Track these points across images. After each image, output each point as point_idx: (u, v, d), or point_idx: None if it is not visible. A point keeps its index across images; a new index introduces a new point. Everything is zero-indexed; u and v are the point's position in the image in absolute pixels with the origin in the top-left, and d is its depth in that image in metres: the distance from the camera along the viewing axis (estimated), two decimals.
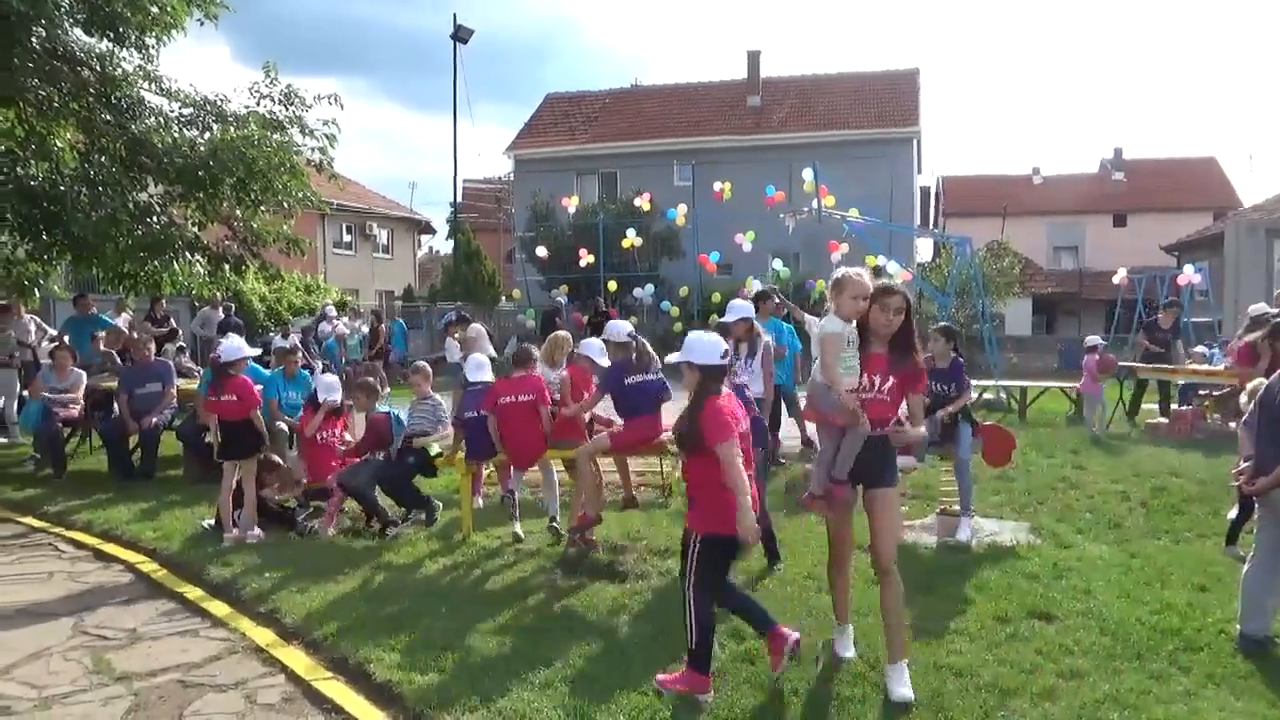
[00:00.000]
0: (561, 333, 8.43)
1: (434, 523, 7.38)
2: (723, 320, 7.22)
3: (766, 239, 20.57)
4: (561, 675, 4.37)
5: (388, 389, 11.23)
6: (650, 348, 6.61)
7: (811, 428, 10.15)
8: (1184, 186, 40.24)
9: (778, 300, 10.08)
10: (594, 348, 6.90)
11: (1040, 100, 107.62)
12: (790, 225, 16.11)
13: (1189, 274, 18.61)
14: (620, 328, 6.68)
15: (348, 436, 7.99)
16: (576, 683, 4.29)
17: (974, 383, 13.91)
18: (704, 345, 4.27)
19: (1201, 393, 12.27)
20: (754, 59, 33.38)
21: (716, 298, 20.97)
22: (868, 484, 4.29)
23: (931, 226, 38.24)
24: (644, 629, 4.99)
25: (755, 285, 10.20)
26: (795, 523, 7.11)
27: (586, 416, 7.04)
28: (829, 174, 19.01)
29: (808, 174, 16.80)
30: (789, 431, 10.23)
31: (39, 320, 12.96)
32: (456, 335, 13.35)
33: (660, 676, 4.20)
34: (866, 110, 31.23)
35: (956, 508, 7.01)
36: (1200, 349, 13.69)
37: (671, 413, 5.00)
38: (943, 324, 7.42)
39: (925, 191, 39.28)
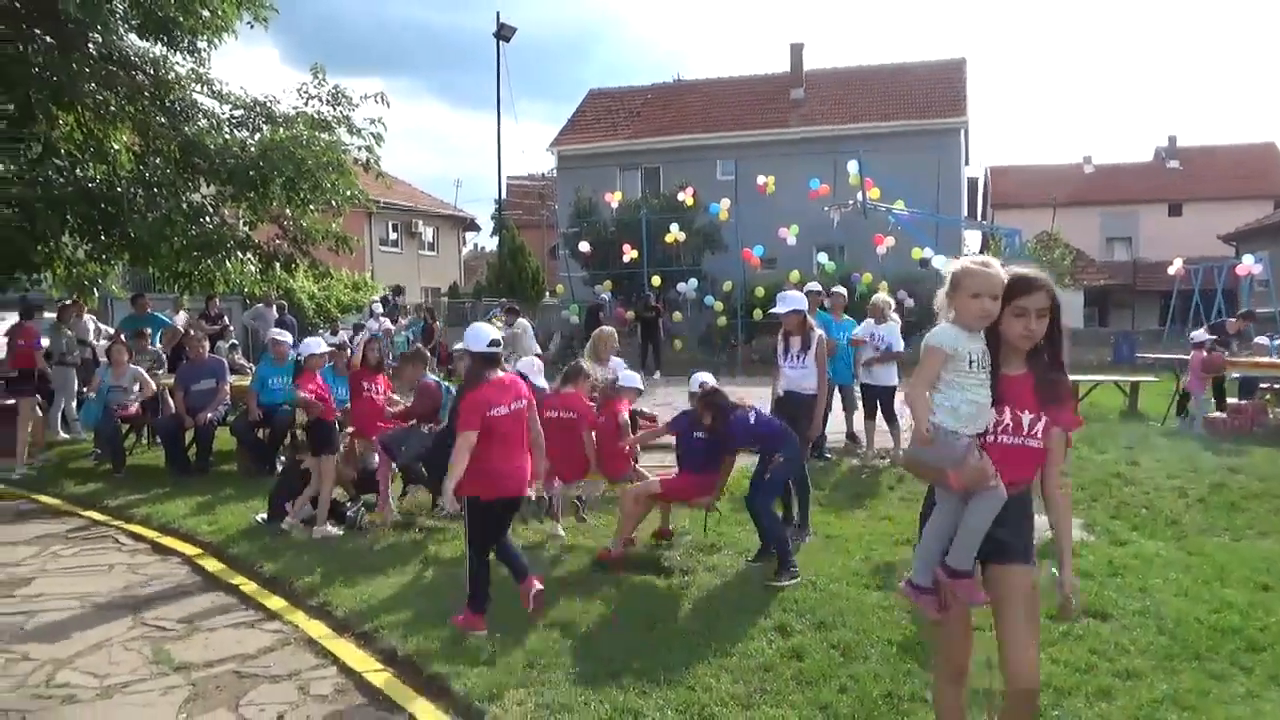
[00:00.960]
0: (607, 328, 8.46)
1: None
2: (774, 311, 7.17)
3: (811, 232, 20.42)
4: (607, 670, 4.38)
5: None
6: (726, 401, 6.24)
7: (858, 421, 10.11)
8: (1242, 174, 39.15)
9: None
10: (632, 379, 6.95)
11: (1091, 88, 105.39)
12: (835, 218, 15.99)
13: (1248, 264, 18.11)
14: (699, 379, 6.44)
15: (395, 396, 8.09)
16: (622, 677, 4.30)
17: None
18: (474, 334, 5.05)
19: (1263, 385, 11.93)
20: (797, 51, 33.12)
21: (760, 292, 20.88)
22: (995, 558, 3.13)
23: (979, 218, 37.64)
24: (689, 624, 4.99)
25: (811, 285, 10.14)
26: (845, 520, 7.06)
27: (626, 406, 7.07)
28: (874, 166, 18.82)
29: (852, 166, 16.65)
30: (834, 426, 10.14)
31: (96, 320, 13.32)
32: (499, 323, 13.47)
33: (454, 617, 4.93)
34: (912, 101, 30.82)
35: None
36: (1261, 340, 13.31)
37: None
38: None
39: (973, 183, 38.64)
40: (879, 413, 9.70)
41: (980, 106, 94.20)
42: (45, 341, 11.06)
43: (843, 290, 10.70)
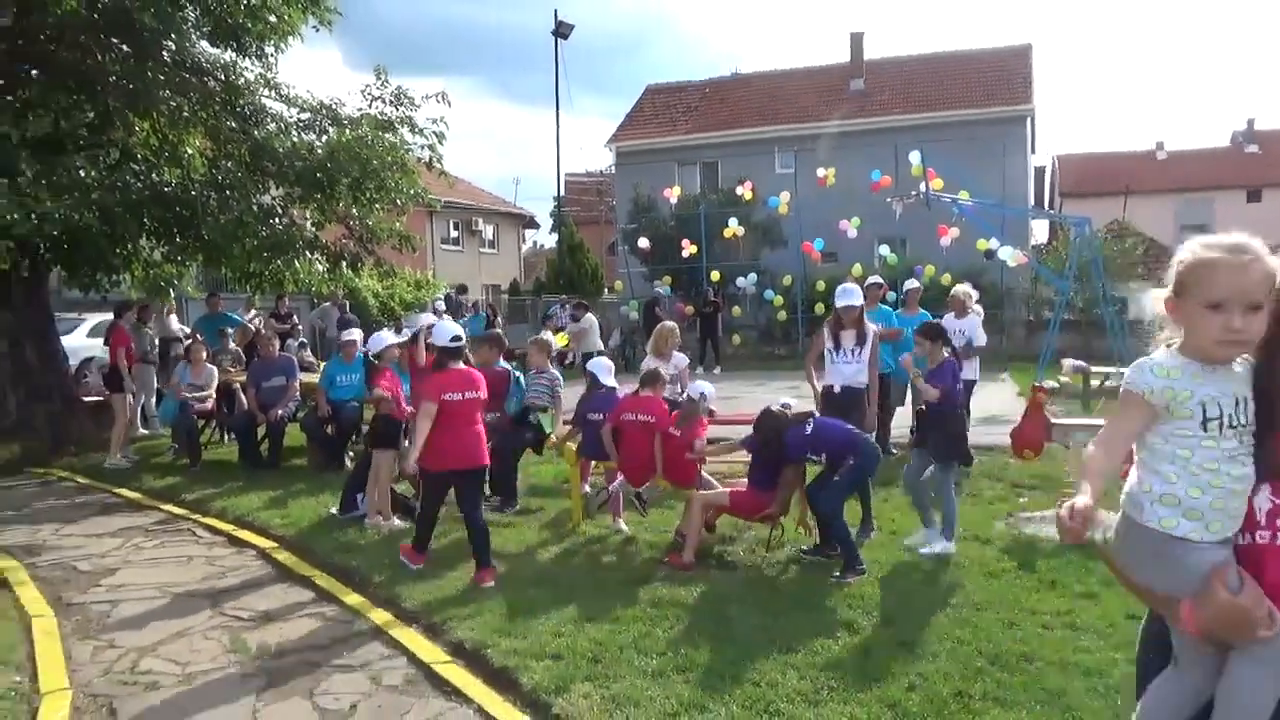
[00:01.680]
0: (669, 323, 8.45)
1: (507, 510, 7.45)
2: (838, 304, 7.08)
3: (872, 225, 20.14)
4: (673, 664, 4.39)
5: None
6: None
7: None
8: None
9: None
10: (710, 394, 6.92)
11: (1164, 71, 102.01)
12: (898, 210, 15.71)
13: None
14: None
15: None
16: (688, 671, 4.31)
17: (1097, 369, 13.45)
18: (439, 331, 6.29)
19: None
20: (857, 41, 32.68)
21: (821, 286, 20.65)
22: None
23: (1047, 207, 36.73)
24: (754, 619, 4.96)
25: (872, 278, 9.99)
26: (910, 516, 6.95)
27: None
28: (937, 156, 18.46)
29: (915, 157, 16.34)
30: (899, 421, 9.99)
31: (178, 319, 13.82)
32: (570, 314, 13.58)
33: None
34: (976, 89, 30.18)
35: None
36: None
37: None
38: (926, 321, 6.85)
39: (1039, 172, 37.75)
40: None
41: (1047, 93, 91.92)
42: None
43: (916, 284, 10.54)
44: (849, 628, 4.78)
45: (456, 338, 6.19)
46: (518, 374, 7.87)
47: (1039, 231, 28.84)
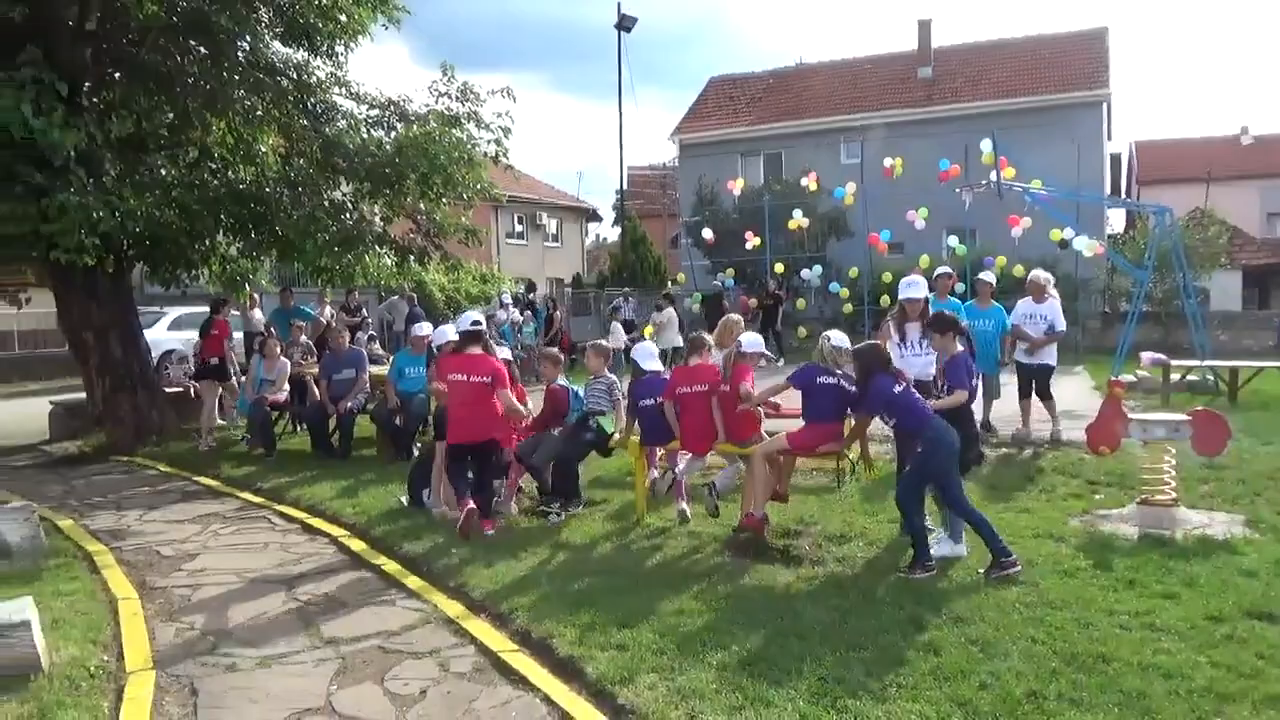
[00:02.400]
0: (734, 315, 8.39)
1: (573, 512, 7.34)
2: (905, 297, 6.94)
3: (940, 215, 19.70)
4: (738, 657, 4.38)
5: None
6: (837, 354, 6.22)
7: (997, 409, 9.75)
8: None
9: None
10: (756, 344, 6.85)
11: (1248, 54, 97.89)
12: (967, 200, 15.34)
13: None
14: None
15: (525, 407, 8.19)
16: (752, 665, 4.29)
17: (1176, 363, 13.00)
18: (461, 319, 7.04)
19: None
20: (925, 28, 32.02)
21: (887, 278, 20.33)
22: None
23: (1124, 196, 35.58)
24: (819, 614, 4.91)
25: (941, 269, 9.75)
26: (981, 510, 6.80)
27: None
28: (1009, 144, 18.01)
29: (985, 145, 15.94)
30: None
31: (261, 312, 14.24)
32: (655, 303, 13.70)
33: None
34: (1049, 75, 29.34)
35: (1159, 496, 6.49)
36: None
37: None
38: (937, 312, 6.46)
39: (1116, 159, 36.60)
40: (1034, 392, 9.40)
41: (1124, 78, 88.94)
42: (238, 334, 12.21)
43: (989, 276, 10.32)
44: (917, 624, 4.70)
45: (476, 322, 7.01)
46: (576, 390, 7.90)
47: (1115, 221, 27.99)
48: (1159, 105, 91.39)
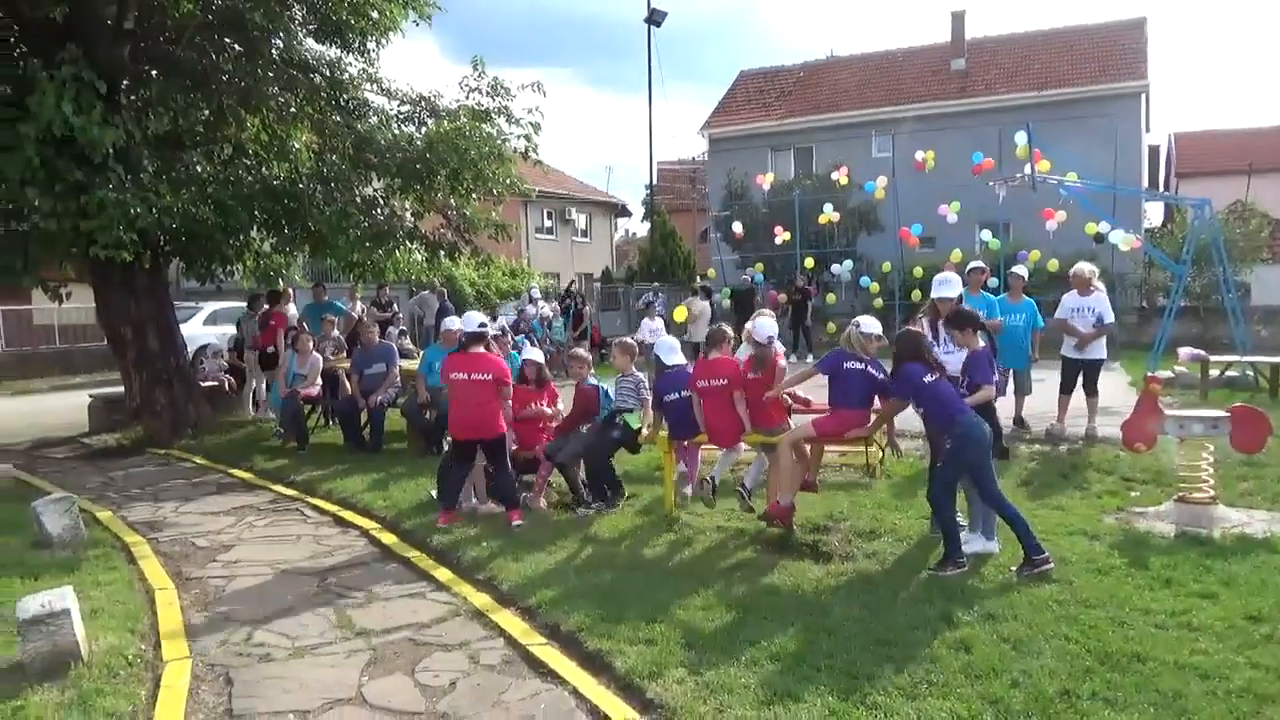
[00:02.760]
0: (764, 310, 8.38)
1: (616, 507, 7.40)
2: (938, 296, 6.81)
3: (973, 209, 19.51)
4: (767, 653, 4.36)
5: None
6: (866, 340, 6.20)
7: (1029, 405, 9.63)
8: None
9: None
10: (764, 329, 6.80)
11: None
12: (1001, 193, 15.17)
13: None
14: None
15: (554, 409, 8.23)
16: (782, 660, 4.27)
17: (1215, 358, 12.77)
18: (467, 319, 7.42)
19: None
20: (958, 20, 31.65)
21: (919, 272, 20.15)
22: None
23: (1162, 188, 34.97)
24: (849, 610, 4.89)
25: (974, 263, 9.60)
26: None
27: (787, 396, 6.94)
28: (1044, 136, 17.78)
29: (1020, 137, 15.75)
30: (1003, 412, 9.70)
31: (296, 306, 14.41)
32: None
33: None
34: (1086, 65, 28.89)
35: (1197, 494, 6.38)
36: None
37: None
38: (957, 309, 6.35)
39: (1154, 151, 35.90)
40: (1078, 387, 9.26)
41: (1163, 68, 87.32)
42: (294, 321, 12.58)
43: (1022, 271, 10.19)
44: (948, 621, 4.66)
45: (483, 324, 7.39)
46: (606, 388, 7.91)
47: (1153, 214, 27.50)
48: (1199, 95, 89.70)
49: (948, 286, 6.83)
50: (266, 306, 12.52)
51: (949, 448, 5.60)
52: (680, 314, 18.34)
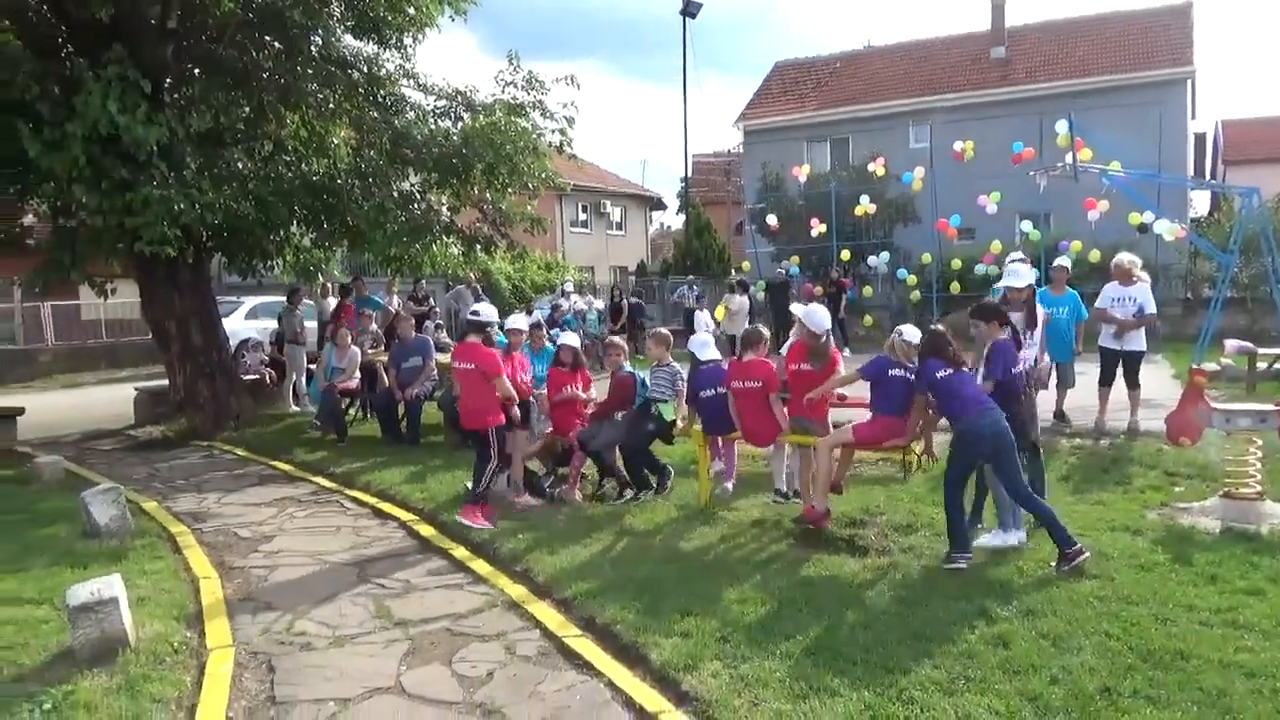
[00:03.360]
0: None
1: (666, 489, 7.48)
2: (1009, 285, 6.57)
3: (1012, 199, 19.22)
4: (802, 646, 4.36)
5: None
6: (909, 348, 6.17)
7: (1071, 398, 9.48)
8: None
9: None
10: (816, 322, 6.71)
11: None
12: (1042, 183, 14.90)
13: None
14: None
15: (590, 395, 8.24)
16: (816, 654, 4.26)
17: (1263, 351, 12.48)
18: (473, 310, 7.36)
19: None
20: (999, 7, 31.14)
21: (957, 264, 19.92)
22: None
23: (1208, 177, 34.22)
24: (885, 605, 4.87)
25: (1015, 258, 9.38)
26: (1053, 502, 6.64)
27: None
28: (1086, 125, 17.49)
29: (1061, 126, 15.47)
30: (1044, 407, 9.55)
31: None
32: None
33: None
34: (1130, 52, 28.31)
35: (1244, 489, 6.25)
36: None
37: None
38: (980, 302, 6.21)
39: (1200, 139, 35.14)
40: (1119, 379, 9.10)
41: (1209, 54, 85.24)
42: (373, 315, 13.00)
43: (1065, 262, 10.02)
44: (987, 617, 4.62)
45: (475, 312, 7.39)
46: (643, 378, 7.91)
47: (1199, 203, 26.90)
48: (1247, 81, 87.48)
49: (1016, 276, 6.59)
50: (339, 299, 13.53)
51: (951, 445, 5.61)
52: (720, 313, 18.34)
